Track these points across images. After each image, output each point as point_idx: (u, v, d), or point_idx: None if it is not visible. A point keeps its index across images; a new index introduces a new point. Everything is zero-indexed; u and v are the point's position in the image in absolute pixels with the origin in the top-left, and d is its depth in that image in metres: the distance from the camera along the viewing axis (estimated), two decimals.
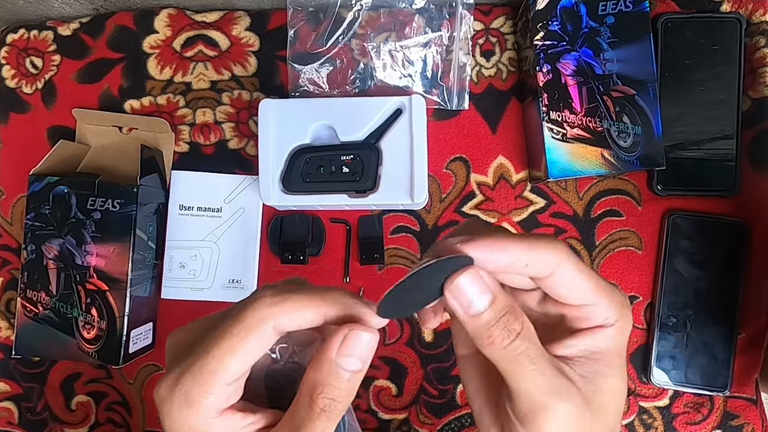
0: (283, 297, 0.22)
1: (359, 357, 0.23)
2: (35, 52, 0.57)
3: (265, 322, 0.22)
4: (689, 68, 0.52)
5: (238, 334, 0.22)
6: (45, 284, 0.52)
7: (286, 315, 0.22)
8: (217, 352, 0.22)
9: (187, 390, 0.22)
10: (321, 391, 0.23)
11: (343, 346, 0.23)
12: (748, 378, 0.52)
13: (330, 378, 0.23)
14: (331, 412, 0.23)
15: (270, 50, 0.56)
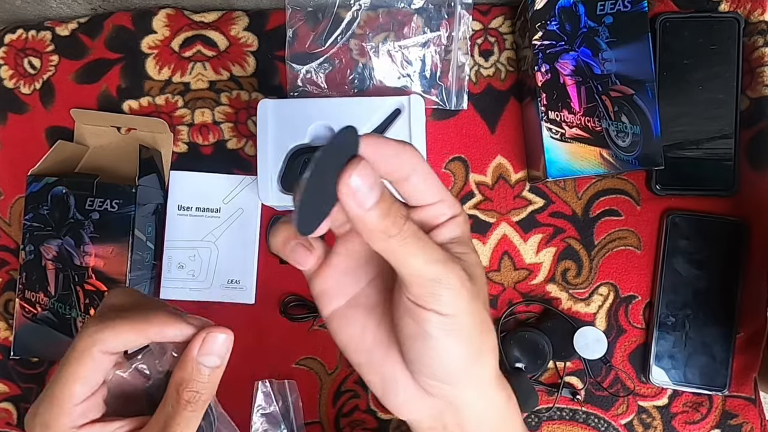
0: (103, 325, 0.27)
1: (217, 354, 0.28)
2: (33, 52, 0.57)
3: (90, 349, 0.26)
4: (687, 68, 0.52)
5: (72, 362, 0.26)
6: (43, 285, 0.51)
7: (106, 341, 0.26)
8: (59, 379, 0.26)
9: (41, 416, 0.26)
10: (186, 386, 0.27)
11: (203, 346, 0.27)
12: (747, 377, 0.52)
13: (193, 374, 0.27)
14: (196, 402, 0.27)
15: (268, 50, 0.56)
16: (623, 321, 0.54)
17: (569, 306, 0.54)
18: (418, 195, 0.26)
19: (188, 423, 0.27)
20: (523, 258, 0.54)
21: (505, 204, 0.54)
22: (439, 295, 0.24)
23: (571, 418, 0.54)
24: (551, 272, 0.54)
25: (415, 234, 0.24)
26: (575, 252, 0.54)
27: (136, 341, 0.27)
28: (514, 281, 0.54)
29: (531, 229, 0.54)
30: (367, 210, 0.22)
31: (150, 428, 0.27)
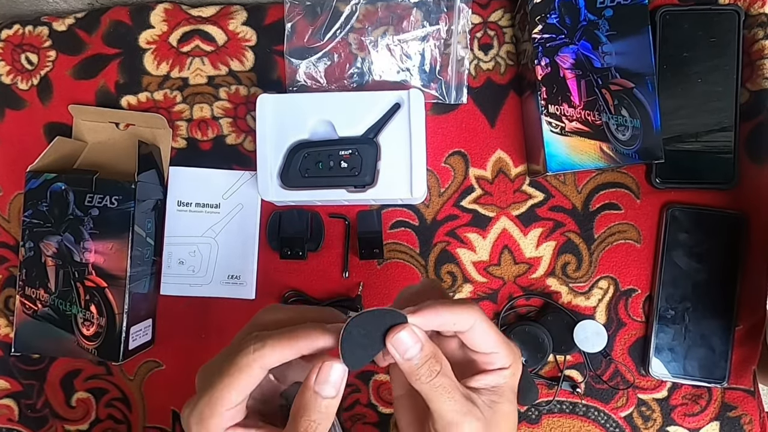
0: (262, 343, 0.29)
1: (332, 385, 0.29)
2: (30, 47, 0.57)
3: (251, 365, 0.29)
4: (687, 61, 0.52)
5: (232, 374, 0.29)
6: (44, 281, 0.51)
7: (266, 358, 0.29)
8: (219, 385, 0.29)
9: (200, 411, 0.29)
10: (302, 414, 0.29)
11: (319, 375, 0.29)
12: (746, 369, 0.52)
13: (310, 403, 0.29)
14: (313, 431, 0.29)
15: (267, 45, 0.56)
16: (623, 314, 0.54)
17: (569, 300, 0.54)
18: (476, 345, 0.31)
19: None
20: (523, 252, 0.54)
21: (505, 198, 0.54)
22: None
23: (571, 411, 0.54)
24: (551, 266, 0.54)
25: (445, 383, 0.30)
26: (575, 246, 0.54)
27: (290, 357, 0.29)
28: (514, 275, 0.54)
29: (531, 223, 0.54)
30: (407, 360, 0.29)
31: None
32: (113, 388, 0.56)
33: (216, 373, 0.30)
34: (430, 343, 0.30)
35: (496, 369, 0.32)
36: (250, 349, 0.29)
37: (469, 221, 0.54)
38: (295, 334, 0.29)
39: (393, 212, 0.55)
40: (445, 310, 0.30)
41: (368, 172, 0.49)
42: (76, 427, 0.56)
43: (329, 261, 0.55)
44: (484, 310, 0.32)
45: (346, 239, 0.55)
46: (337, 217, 0.55)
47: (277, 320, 0.31)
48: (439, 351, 0.30)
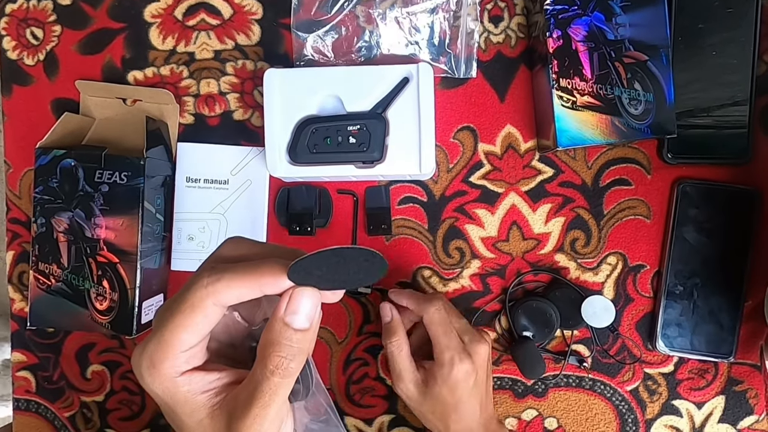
0: (217, 276, 0.25)
1: (305, 315, 0.25)
2: (35, 22, 0.57)
3: (204, 301, 0.25)
4: (702, 32, 0.50)
5: (183, 311, 0.25)
6: (56, 257, 0.52)
7: (220, 294, 0.25)
8: (170, 325, 0.26)
9: (151, 355, 0.26)
10: (272, 350, 0.25)
11: (289, 305, 0.25)
12: (754, 344, 0.53)
13: (280, 337, 0.25)
14: (285, 369, 0.25)
15: (273, 18, 0.55)
16: (631, 290, 0.54)
17: (577, 275, 0.54)
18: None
19: (276, 391, 0.25)
20: (532, 228, 0.54)
21: (514, 174, 0.54)
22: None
23: (578, 385, 0.55)
24: (560, 242, 0.54)
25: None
26: (584, 222, 0.54)
27: (251, 294, 0.26)
28: (523, 251, 0.54)
29: (540, 198, 0.54)
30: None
31: (241, 391, 0.26)
32: (127, 361, 0.57)
33: (167, 312, 0.26)
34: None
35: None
36: (203, 283, 0.25)
37: (478, 197, 0.54)
38: (258, 269, 0.25)
39: (401, 188, 0.55)
40: (413, 297, 0.49)
41: (377, 148, 0.49)
42: (92, 398, 0.58)
43: (338, 237, 0.55)
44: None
45: (354, 215, 0.55)
46: (346, 193, 0.55)
47: (239, 255, 0.27)
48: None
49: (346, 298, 0.56)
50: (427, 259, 0.55)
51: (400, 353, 0.47)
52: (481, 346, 0.47)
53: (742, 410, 0.53)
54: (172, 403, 0.26)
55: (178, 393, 0.26)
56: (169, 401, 0.26)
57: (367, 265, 0.25)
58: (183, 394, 0.26)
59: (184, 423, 0.26)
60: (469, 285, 0.55)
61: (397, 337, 0.48)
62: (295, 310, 0.25)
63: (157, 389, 0.26)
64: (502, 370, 0.55)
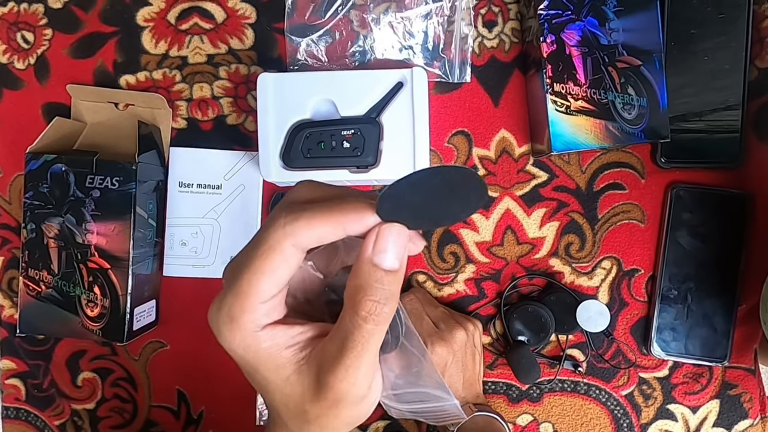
0: (294, 216, 0.23)
1: (395, 253, 0.23)
2: (26, 26, 0.56)
3: (282, 243, 0.23)
4: (695, 38, 0.51)
5: (261, 256, 0.23)
6: (46, 263, 0.51)
7: (299, 234, 0.23)
8: (246, 274, 0.23)
9: (229, 309, 0.24)
10: (363, 295, 0.23)
11: (377, 243, 0.23)
12: (747, 348, 0.53)
13: (370, 279, 0.23)
14: (378, 315, 0.23)
15: (267, 22, 0.55)
16: (626, 294, 0.54)
17: (572, 280, 0.54)
18: None
19: (370, 339, 0.23)
20: (527, 232, 0.54)
21: (509, 178, 0.54)
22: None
23: (573, 390, 0.54)
24: (554, 246, 0.54)
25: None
26: (578, 226, 0.54)
27: (332, 234, 0.23)
28: (517, 255, 0.54)
29: (534, 203, 0.54)
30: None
31: (329, 343, 0.24)
32: (118, 368, 0.57)
33: (243, 261, 0.24)
34: None
35: None
36: (281, 223, 0.23)
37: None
38: (341, 206, 0.23)
39: None
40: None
41: (371, 153, 0.49)
42: (83, 406, 0.57)
43: None
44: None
45: None
46: None
47: (317, 197, 0.25)
48: None
49: None
50: (422, 263, 0.55)
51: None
52: (456, 331, 0.47)
53: (737, 414, 0.53)
54: (254, 361, 0.24)
55: (260, 349, 0.24)
56: (251, 359, 0.24)
57: (464, 193, 0.22)
58: (266, 350, 0.24)
59: (269, 381, 0.24)
60: (464, 290, 0.55)
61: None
62: (384, 249, 0.23)
63: (237, 347, 0.24)
64: (497, 374, 0.55)
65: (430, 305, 0.50)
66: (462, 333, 0.48)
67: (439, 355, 0.47)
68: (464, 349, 0.49)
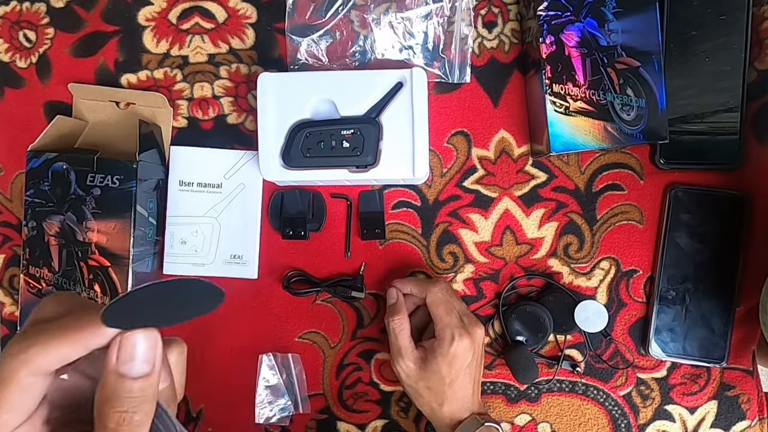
0: (29, 342, 0.22)
1: (143, 359, 0.22)
2: (28, 25, 0.56)
3: (17, 373, 0.22)
4: (695, 39, 0.51)
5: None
6: (47, 261, 0.52)
7: (35, 361, 0.22)
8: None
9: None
10: (110, 407, 0.22)
11: (121, 353, 0.22)
12: (745, 350, 0.53)
13: (118, 390, 0.22)
14: (130, 424, 0.22)
15: (267, 22, 0.55)
16: (624, 295, 0.54)
17: (570, 280, 0.54)
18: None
19: None
20: (525, 233, 0.54)
21: (508, 179, 0.54)
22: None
23: (571, 390, 0.54)
24: (553, 247, 0.54)
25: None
26: (577, 226, 0.54)
27: (75, 353, 0.22)
28: (516, 256, 0.54)
29: (533, 203, 0.54)
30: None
31: None
32: None
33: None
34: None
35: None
36: (14, 351, 0.22)
37: (471, 202, 0.54)
38: (77, 323, 0.22)
39: (395, 192, 0.55)
40: (413, 283, 0.51)
41: (370, 152, 0.49)
42: None
43: (331, 241, 0.55)
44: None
45: (348, 219, 0.55)
46: (339, 197, 0.55)
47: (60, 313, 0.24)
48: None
49: (339, 303, 0.55)
50: (421, 263, 0.55)
51: (401, 332, 0.49)
52: (478, 327, 0.48)
53: (735, 415, 0.53)
54: None
55: None
56: None
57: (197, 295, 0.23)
58: None
59: None
60: (463, 289, 0.55)
61: (399, 316, 0.49)
62: (130, 357, 0.22)
63: None
64: (495, 374, 0.55)
65: (456, 298, 0.50)
66: (482, 330, 0.49)
67: (465, 349, 0.47)
68: (481, 348, 0.49)
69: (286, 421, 0.53)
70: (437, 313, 0.48)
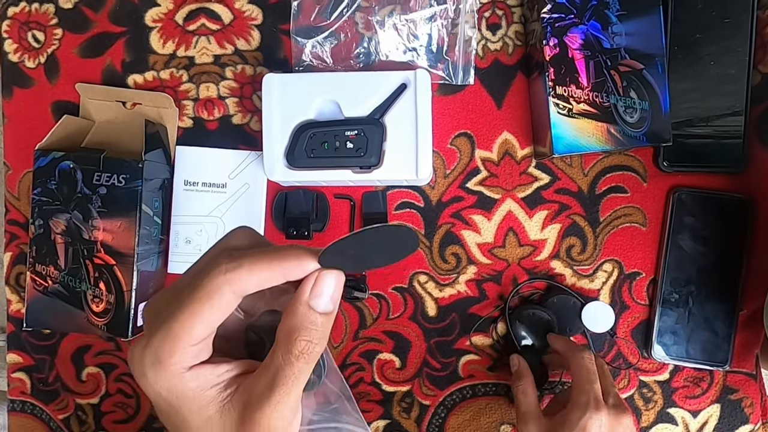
0: (237, 263, 0.24)
1: (330, 297, 0.24)
2: (37, 25, 0.57)
3: (222, 288, 0.23)
4: (699, 42, 0.51)
5: (199, 299, 0.23)
6: (54, 258, 0.52)
7: (240, 281, 0.23)
8: (180, 316, 0.23)
9: (156, 351, 0.23)
10: (298, 335, 0.24)
11: (315, 287, 0.24)
12: (749, 353, 0.53)
13: (305, 321, 0.24)
14: (310, 354, 0.24)
15: (273, 24, 0.55)
16: (627, 297, 0.54)
17: (573, 282, 0.54)
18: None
19: (300, 376, 0.24)
20: (528, 234, 0.54)
21: (511, 180, 0.54)
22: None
23: None
24: (556, 248, 0.54)
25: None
26: (580, 228, 0.54)
27: (273, 280, 0.24)
28: (519, 257, 0.54)
29: (536, 205, 0.54)
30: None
31: (258, 379, 0.24)
32: (122, 364, 0.57)
33: (174, 303, 0.24)
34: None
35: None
36: (222, 269, 0.23)
37: (475, 203, 0.54)
38: (280, 254, 0.24)
39: (398, 193, 0.55)
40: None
41: (374, 153, 0.49)
42: (87, 401, 0.58)
43: None
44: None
45: (351, 220, 0.55)
46: (343, 198, 0.55)
47: (253, 244, 0.26)
48: None
49: (342, 303, 0.56)
50: (424, 264, 0.55)
51: (526, 396, 0.48)
52: (625, 416, 0.43)
53: (738, 419, 0.53)
54: (177, 402, 0.24)
55: (186, 390, 0.24)
56: (174, 400, 0.24)
57: (397, 243, 0.24)
58: (191, 390, 0.24)
59: (188, 422, 0.24)
60: (465, 290, 0.55)
61: (524, 381, 0.49)
62: (320, 293, 0.24)
63: (161, 388, 0.24)
64: (497, 376, 0.55)
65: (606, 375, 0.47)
66: (629, 420, 0.43)
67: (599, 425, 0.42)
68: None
69: None
70: (578, 379, 0.45)
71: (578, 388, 0.44)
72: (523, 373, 0.50)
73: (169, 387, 0.24)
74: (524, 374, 0.50)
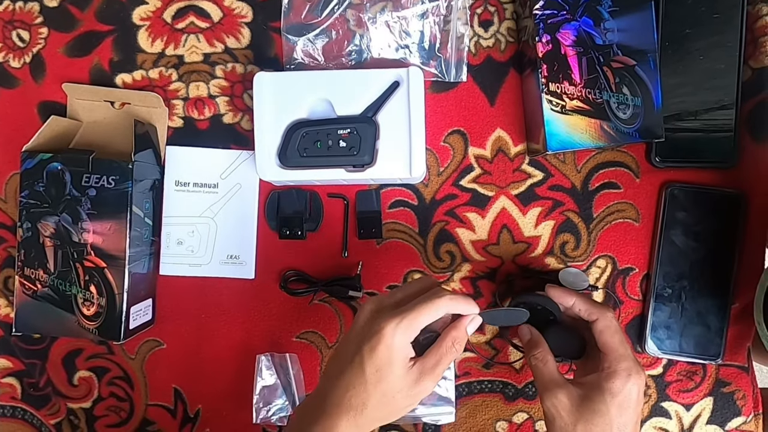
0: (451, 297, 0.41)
1: (474, 327, 0.43)
2: (21, 24, 0.56)
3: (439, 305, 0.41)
4: (689, 37, 0.51)
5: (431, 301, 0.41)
6: (42, 262, 0.51)
7: (451, 305, 0.41)
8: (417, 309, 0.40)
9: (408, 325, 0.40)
10: (457, 340, 0.42)
11: (472, 322, 0.43)
12: (741, 346, 0.53)
13: (461, 335, 0.42)
14: (457, 351, 0.42)
15: (263, 21, 0.55)
16: (620, 293, 0.54)
17: None
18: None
19: (449, 361, 0.41)
20: (522, 231, 0.54)
21: (505, 177, 0.54)
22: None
23: None
24: (550, 245, 0.54)
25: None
26: (574, 225, 0.54)
27: (465, 310, 0.42)
28: (513, 254, 0.54)
29: (530, 202, 0.54)
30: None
31: (428, 359, 0.41)
32: (115, 367, 0.57)
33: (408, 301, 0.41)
34: None
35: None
36: (446, 295, 0.41)
37: (468, 200, 0.54)
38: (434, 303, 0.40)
39: (392, 192, 0.55)
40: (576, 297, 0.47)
41: (367, 152, 0.49)
42: (79, 405, 0.57)
43: (328, 241, 0.55)
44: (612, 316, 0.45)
45: (345, 219, 0.55)
46: (336, 197, 0.55)
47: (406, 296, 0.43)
48: None
49: (337, 303, 0.55)
50: (418, 262, 0.55)
51: (546, 365, 0.44)
52: (644, 374, 0.43)
53: (730, 411, 0.54)
54: (395, 355, 0.39)
55: (402, 348, 0.40)
56: (394, 352, 0.39)
57: (516, 316, 0.46)
58: (402, 350, 0.40)
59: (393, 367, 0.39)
60: (460, 288, 0.55)
61: (540, 348, 0.45)
62: (473, 323, 0.43)
63: (398, 341, 0.39)
64: (493, 373, 0.55)
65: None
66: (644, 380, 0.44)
67: (640, 389, 0.42)
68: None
69: (283, 421, 0.53)
70: (610, 343, 0.42)
71: (615, 353, 0.42)
72: (538, 340, 0.46)
73: (401, 344, 0.39)
74: (539, 342, 0.45)
